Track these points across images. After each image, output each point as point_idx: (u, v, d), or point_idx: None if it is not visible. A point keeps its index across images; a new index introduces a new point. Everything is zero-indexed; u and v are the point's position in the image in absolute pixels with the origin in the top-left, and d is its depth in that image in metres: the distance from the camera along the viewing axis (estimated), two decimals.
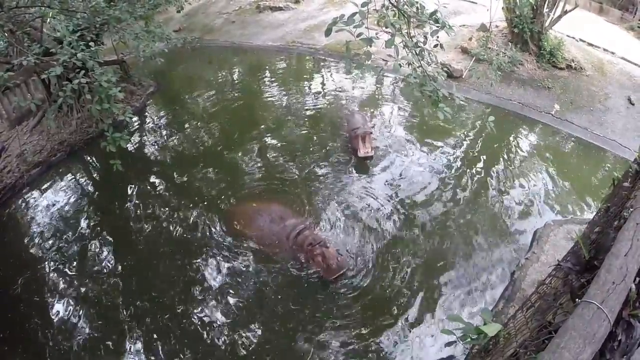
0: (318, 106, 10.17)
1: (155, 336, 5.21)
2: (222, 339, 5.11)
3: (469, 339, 3.68)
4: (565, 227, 6.47)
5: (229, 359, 4.92)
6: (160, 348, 5.07)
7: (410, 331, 5.09)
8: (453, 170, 7.85)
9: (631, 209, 2.97)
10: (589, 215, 6.77)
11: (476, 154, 8.46)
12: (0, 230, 7.02)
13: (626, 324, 2.35)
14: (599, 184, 7.70)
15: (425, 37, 5.00)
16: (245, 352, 4.95)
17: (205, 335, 5.16)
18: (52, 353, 5.10)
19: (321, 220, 6.71)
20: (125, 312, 5.52)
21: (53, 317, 5.54)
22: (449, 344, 4.08)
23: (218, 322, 5.30)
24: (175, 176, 8.02)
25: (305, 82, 11.58)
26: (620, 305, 2.24)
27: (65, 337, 5.26)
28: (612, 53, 11.96)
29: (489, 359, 3.50)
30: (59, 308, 5.65)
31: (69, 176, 8.25)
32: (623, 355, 2.36)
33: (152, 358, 4.98)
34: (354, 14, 4.11)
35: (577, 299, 2.50)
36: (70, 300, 5.73)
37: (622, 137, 9.14)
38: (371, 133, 8.02)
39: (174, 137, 9.32)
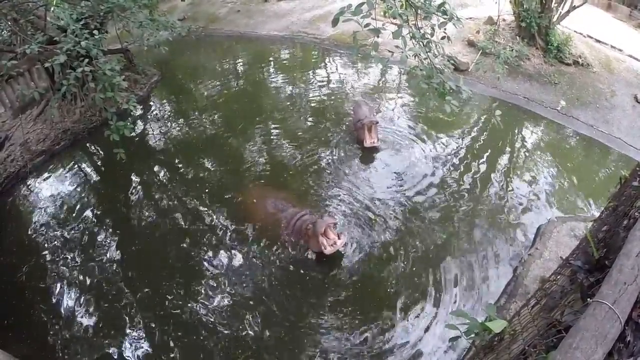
0: (323, 96, 10.11)
1: (157, 324, 5.24)
2: (224, 328, 5.13)
3: (473, 335, 3.68)
4: (569, 223, 6.42)
5: (229, 349, 4.93)
6: (162, 336, 5.10)
7: (412, 325, 5.09)
8: (457, 164, 7.81)
9: None
10: (593, 212, 6.75)
11: (480, 147, 8.41)
12: (4, 218, 7.05)
13: (635, 325, 2.33)
14: (603, 182, 7.66)
15: (433, 29, 4.95)
16: (246, 343, 4.97)
17: (207, 324, 5.18)
18: (55, 339, 5.15)
19: (324, 210, 6.69)
20: (128, 300, 5.55)
21: (57, 304, 5.59)
22: (453, 339, 4.08)
23: (220, 312, 5.32)
24: (179, 165, 8.01)
25: (310, 73, 11.50)
26: (631, 306, 2.23)
27: (69, 324, 5.30)
28: (620, 50, 11.79)
29: (494, 355, 3.49)
30: (62, 295, 5.69)
31: (73, 165, 8.26)
32: (630, 356, 2.35)
33: (154, 345, 5.01)
34: (361, 4, 4.07)
35: (587, 299, 2.49)
36: (74, 288, 5.77)
37: (627, 135, 9.06)
38: (377, 123, 8.00)
39: (177, 126, 9.30)
